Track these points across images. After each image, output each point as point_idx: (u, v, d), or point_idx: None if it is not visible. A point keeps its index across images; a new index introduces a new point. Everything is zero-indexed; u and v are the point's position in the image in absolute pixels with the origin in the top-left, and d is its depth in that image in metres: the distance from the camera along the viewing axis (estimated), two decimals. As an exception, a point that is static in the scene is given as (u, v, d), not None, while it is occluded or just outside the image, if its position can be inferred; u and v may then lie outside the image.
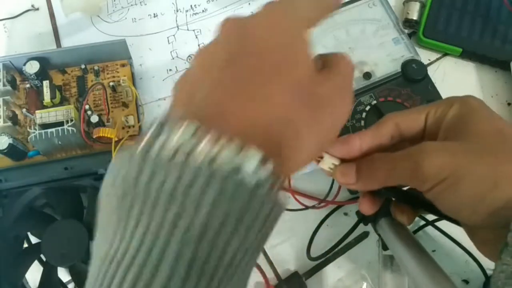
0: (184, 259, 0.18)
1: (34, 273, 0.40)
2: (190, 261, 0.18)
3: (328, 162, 0.30)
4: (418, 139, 0.28)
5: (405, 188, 0.31)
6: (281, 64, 0.22)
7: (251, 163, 0.19)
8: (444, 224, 0.41)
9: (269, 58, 0.22)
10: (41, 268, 0.40)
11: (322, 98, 0.23)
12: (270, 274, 0.41)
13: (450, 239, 0.40)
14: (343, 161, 0.30)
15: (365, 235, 0.40)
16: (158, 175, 0.18)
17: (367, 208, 0.31)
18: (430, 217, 0.41)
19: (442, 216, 0.30)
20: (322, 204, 0.42)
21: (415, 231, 0.41)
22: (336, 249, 0.39)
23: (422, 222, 0.41)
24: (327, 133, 0.24)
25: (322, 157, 0.30)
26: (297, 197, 0.43)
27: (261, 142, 0.20)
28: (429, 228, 0.41)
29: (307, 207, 0.41)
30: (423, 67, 0.42)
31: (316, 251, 0.40)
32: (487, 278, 0.40)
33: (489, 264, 0.41)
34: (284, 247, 0.42)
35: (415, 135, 0.30)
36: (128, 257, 0.18)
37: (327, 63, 0.25)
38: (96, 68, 0.44)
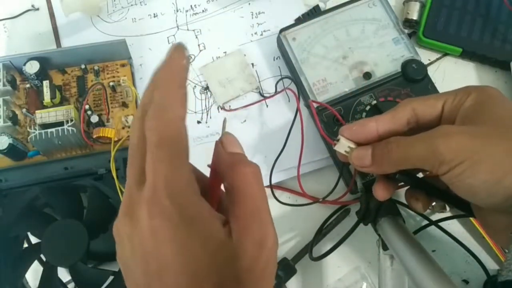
0: None
1: (34, 273, 0.40)
2: None
3: (344, 145, 0.31)
4: (434, 126, 0.28)
5: (419, 175, 0.32)
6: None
7: None
8: (446, 224, 0.41)
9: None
10: (41, 268, 0.40)
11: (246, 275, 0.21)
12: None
13: (453, 238, 0.40)
14: (359, 145, 0.31)
15: (346, 212, 0.41)
16: None
17: (381, 193, 0.32)
18: (434, 217, 0.41)
19: (454, 203, 0.30)
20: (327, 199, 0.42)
21: (418, 230, 0.41)
22: (323, 236, 0.39)
23: (425, 222, 0.41)
24: None
25: (338, 140, 0.31)
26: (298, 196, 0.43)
27: None
28: (430, 228, 0.42)
29: (314, 202, 0.42)
30: (423, 67, 0.42)
31: (315, 250, 0.40)
32: (489, 277, 0.40)
33: (489, 264, 0.41)
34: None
35: (431, 121, 0.30)
36: None
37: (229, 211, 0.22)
38: (96, 68, 0.44)
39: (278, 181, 0.44)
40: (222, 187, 0.24)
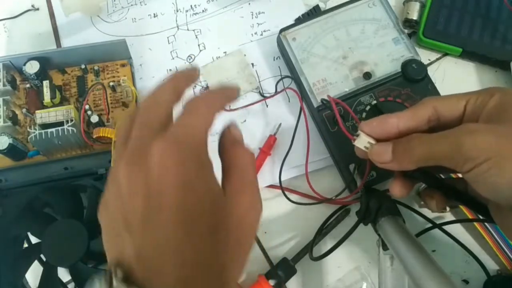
0: None
1: (34, 273, 0.40)
2: None
3: (364, 141, 0.31)
4: (455, 125, 0.28)
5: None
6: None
7: None
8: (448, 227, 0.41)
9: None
10: (41, 268, 0.40)
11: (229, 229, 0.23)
12: (264, 263, 0.42)
13: (453, 239, 0.40)
14: (378, 141, 0.31)
15: (346, 212, 0.41)
16: None
17: (398, 190, 0.32)
18: (437, 219, 0.41)
19: (473, 206, 0.31)
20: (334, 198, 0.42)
21: (421, 233, 0.41)
22: (323, 236, 0.39)
23: (429, 225, 0.41)
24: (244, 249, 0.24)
25: (358, 135, 0.31)
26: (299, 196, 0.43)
27: None
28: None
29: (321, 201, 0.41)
30: (423, 67, 0.42)
31: (315, 250, 0.40)
32: (489, 277, 0.40)
33: (489, 264, 0.41)
34: (280, 240, 0.43)
35: (452, 120, 0.30)
36: None
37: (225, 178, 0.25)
38: (96, 68, 0.44)
39: (284, 179, 0.44)
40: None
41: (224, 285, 0.22)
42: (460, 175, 0.33)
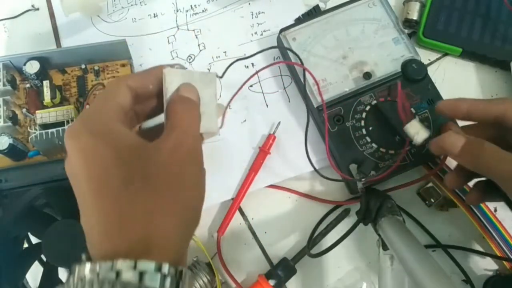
0: None
1: (34, 273, 0.40)
2: None
3: (416, 127, 0.35)
4: None
5: None
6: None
7: (149, 274, 0.21)
8: (445, 224, 0.41)
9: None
10: (41, 268, 0.40)
11: (158, 177, 0.24)
12: (264, 263, 0.42)
13: (458, 266, 0.40)
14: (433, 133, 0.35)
15: (346, 212, 0.41)
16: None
17: (452, 181, 0.35)
18: (434, 216, 0.41)
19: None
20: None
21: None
22: (323, 236, 0.39)
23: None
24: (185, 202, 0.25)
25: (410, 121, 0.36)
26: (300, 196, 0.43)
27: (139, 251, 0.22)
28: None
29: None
30: (423, 67, 0.42)
31: (315, 250, 0.40)
32: (488, 277, 0.40)
33: (489, 264, 0.41)
34: (280, 238, 0.43)
35: None
36: None
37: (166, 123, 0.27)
38: (96, 68, 0.44)
39: (284, 179, 0.44)
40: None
41: (151, 233, 0.23)
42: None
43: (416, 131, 0.35)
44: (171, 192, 0.24)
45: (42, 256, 0.40)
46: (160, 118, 0.29)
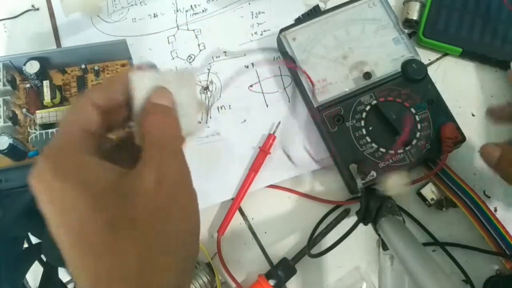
0: None
1: (34, 273, 0.40)
2: None
3: (395, 181, 0.36)
4: None
5: None
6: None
7: None
8: (445, 224, 0.41)
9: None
10: (41, 269, 0.40)
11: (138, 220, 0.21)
12: (264, 263, 0.42)
13: (458, 266, 0.40)
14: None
15: (346, 212, 0.41)
16: None
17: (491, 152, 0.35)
18: (434, 215, 0.41)
19: None
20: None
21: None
22: (323, 236, 0.39)
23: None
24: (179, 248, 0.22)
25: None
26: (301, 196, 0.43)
27: None
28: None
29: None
30: (423, 67, 0.42)
31: (315, 250, 0.40)
32: (488, 277, 0.40)
33: (489, 264, 0.41)
34: (280, 238, 0.43)
35: None
36: None
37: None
38: (96, 68, 0.44)
39: (284, 179, 0.44)
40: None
41: (147, 284, 0.20)
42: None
43: (393, 185, 0.36)
44: (162, 232, 0.21)
45: (42, 256, 0.40)
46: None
